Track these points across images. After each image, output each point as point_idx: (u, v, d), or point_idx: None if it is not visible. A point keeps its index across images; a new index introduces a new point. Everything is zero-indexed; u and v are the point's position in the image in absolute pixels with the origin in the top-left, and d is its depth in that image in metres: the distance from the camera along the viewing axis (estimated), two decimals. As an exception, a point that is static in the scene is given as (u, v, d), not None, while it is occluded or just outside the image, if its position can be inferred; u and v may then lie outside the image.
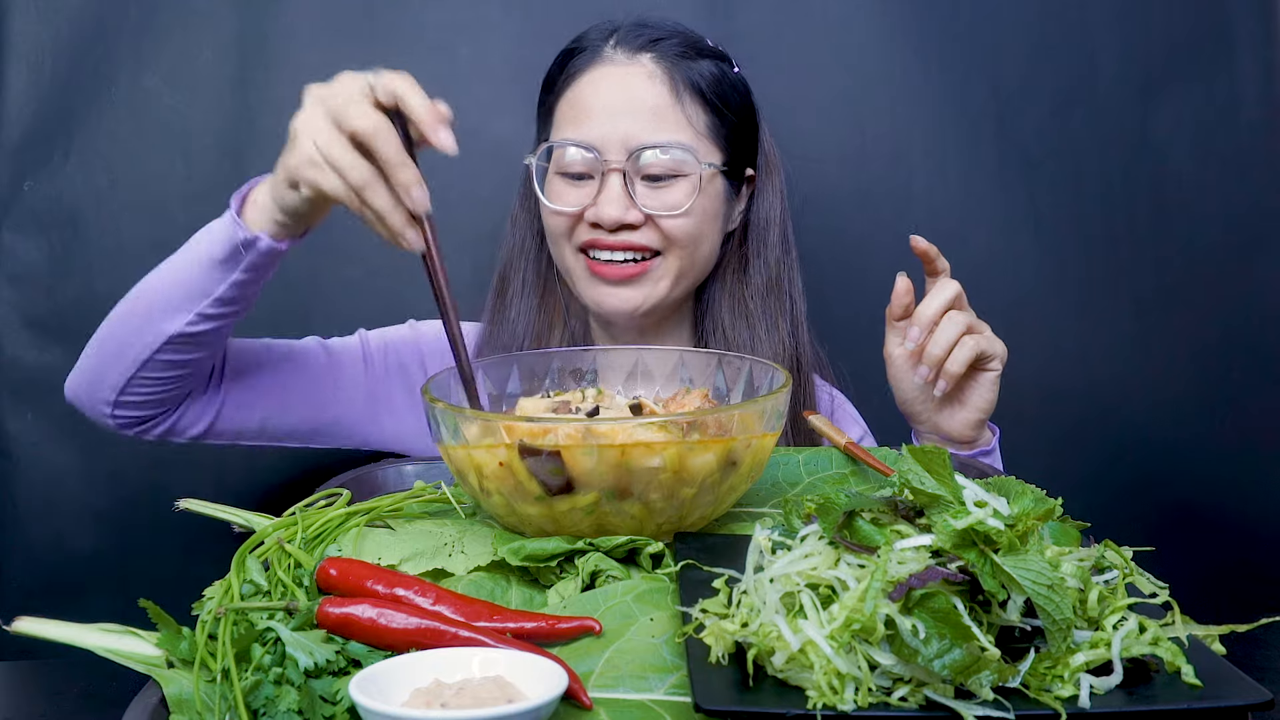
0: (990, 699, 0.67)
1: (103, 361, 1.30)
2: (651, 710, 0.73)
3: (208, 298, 1.23)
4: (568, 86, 1.40)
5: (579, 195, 1.37)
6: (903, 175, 1.83)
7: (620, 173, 1.35)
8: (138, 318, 1.27)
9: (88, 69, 1.72)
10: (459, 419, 0.93)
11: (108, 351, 1.29)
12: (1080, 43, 1.83)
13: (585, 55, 1.40)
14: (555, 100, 1.42)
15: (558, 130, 1.40)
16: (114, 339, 1.29)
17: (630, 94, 1.37)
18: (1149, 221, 1.84)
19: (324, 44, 1.76)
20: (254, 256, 1.20)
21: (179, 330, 1.24)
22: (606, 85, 1.38)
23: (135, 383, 1.29)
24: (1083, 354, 1.84)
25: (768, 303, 1.46)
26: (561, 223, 1.39)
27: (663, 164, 1.36)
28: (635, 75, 1.38)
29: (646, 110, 1.36)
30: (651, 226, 1.37)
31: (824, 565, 0.75)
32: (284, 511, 0.99)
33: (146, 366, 1.27)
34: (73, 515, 1.76)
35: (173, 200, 1.75)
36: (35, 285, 1.73)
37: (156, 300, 1.26)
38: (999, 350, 1.32)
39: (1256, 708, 0.67)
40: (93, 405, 1.33)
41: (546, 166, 1.40)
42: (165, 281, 1.26)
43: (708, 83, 1.39)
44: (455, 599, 0.83)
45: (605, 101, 1.37)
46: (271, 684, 0.76)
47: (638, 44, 1.39)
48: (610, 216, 1.34)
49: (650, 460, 0.89)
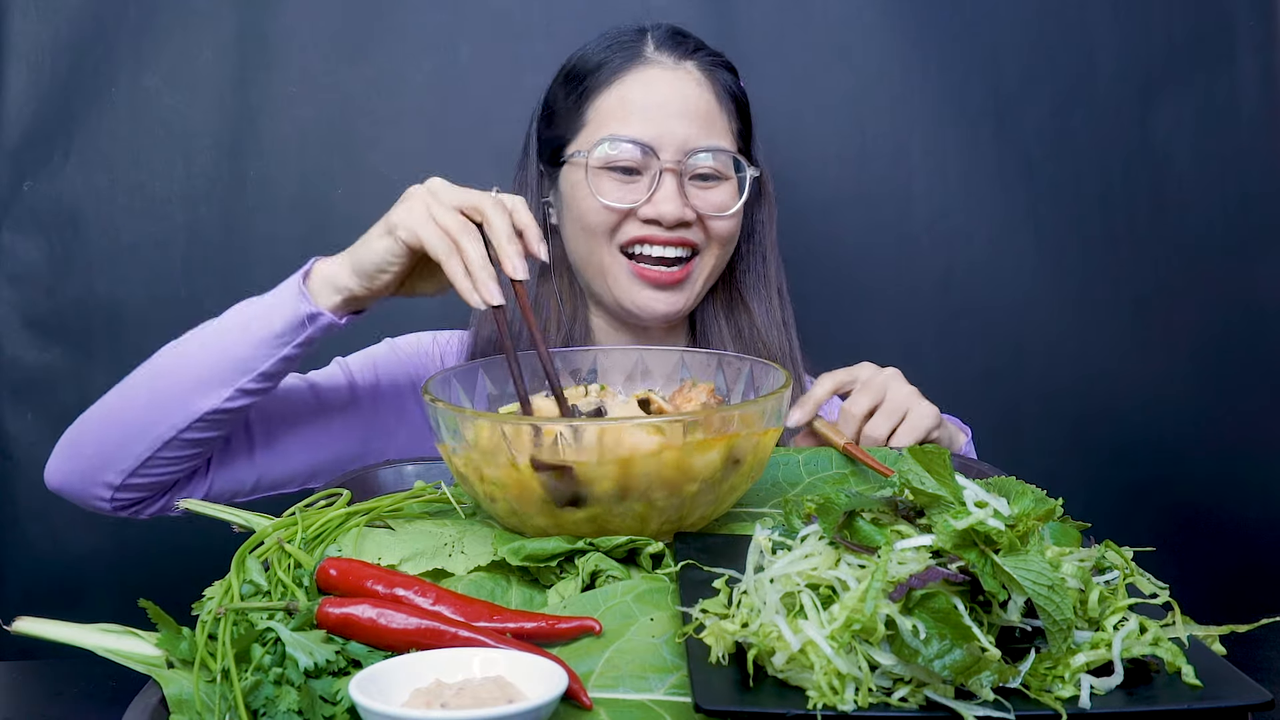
0: (990, 699, 0.67)
1: (106, 447, 1.25)
2: (651, 710, 0.73)
3: (252, 373, 1.20)
4: (609, 84, 1.40)
5: (630, 192, 1.38)
6: (903, 175, 1.83)
7: (675, 172, 1.37)
8: (166, 396, 1.22)
9: (88, 69, 1.72)
10: (461, 420, 0.93)
11: (113, 438, 1.24)
12: (1080, 43, 1.83)
13: (624, 55, 1.41)
14: (590, 97, 1.41)
15: (600, 128, 1.39)
16: (129, 422, 1.24)
17: (684, 97, 1.39)
18: (1149, 221, 1.85)
19: (324, 44, 1.76)
20: (312, 331, 1.19)
21: (216, 407, 1.20)
22: (658, 86, 1.39)
23: (150, 464, 1.24)
24: (1083, 354, 1.84)
25: (767, 303, 1.49)
26: (608, 219, 1.39)
27: (711, 166, 1.39)
28: (685, 80, 1.40)
29: (700, 114, 1.39)
30: (698, 226, 1.40)
31: (824, 565, 0.75)
32: (284, 511, 0.99)
33: (168, 446, 1.23)
34: (73, 515, 1.74)
35: (173, 200, 1.75)
36: (35, 285, 1.74)
37: (191, 375, 1.21)
38: (929, 425, 1.25)
39: (1256, 708, 0.67)
40: (86, 491, 1.28)
41: (586, 165, 1.38)
42: (205, 356, 1.22)
43: (736, 92, 1.44)
44: (455, 599, 0.83)
45: (659, 101, 1.38)
46: (271, 684, 0.76)
47: (680, 50, 1.42)
48: (671, 213, 1.36)
49: (656, 457, 0.89)
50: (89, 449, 1.27)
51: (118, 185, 1.74)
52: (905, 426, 1.22)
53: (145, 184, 1.74)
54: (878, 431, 1.22)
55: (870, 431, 1.22)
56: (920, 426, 1.22)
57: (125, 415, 1.24)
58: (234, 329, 1.21)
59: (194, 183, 1.75)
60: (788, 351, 1.48)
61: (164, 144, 1.74)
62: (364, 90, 1.77)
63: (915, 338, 1.83)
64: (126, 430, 1.24)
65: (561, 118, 1.44)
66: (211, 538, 1.07)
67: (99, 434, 1.26)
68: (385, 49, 1.77)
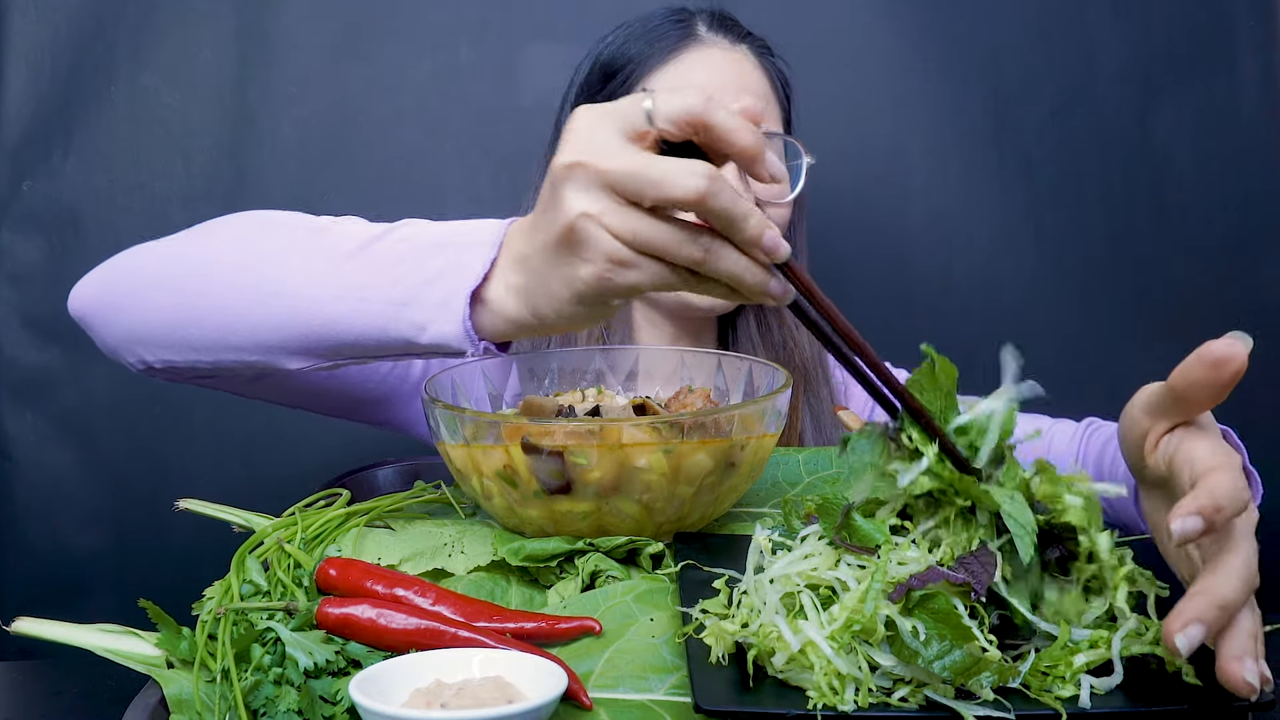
0: (991, 699, 0.67)
1: (167, 329, 0.98)
2: (651, 710, 0.73)
3: (360, 358, 0.94)
4: (664, 64, 1.33)
5: None
6: (903, 175, 1.83)
7: None
8: (251, 322, 0.94)
9: (87, 68, 1.72)
10: (459, 418, 0.93)
11: (183, 322, 0.97)
12: (1080, 43, 1.83)
13: (678, 33, 1.35)
14: (641, 77, 1.33)
15: None
16: (203, 316, 0.96)
17: (743, 79, 1.34)
18: (1149, 221, 1.85)
19: (324, 44, 1.76)
20: (451, 357, 0.91)
21: (298, 368, 0.94)
22: (719, 66, 1.33)
23: (198, 372, 1.02)
24: (1083, 354, 1.84)
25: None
26: None
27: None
28: (742, 62, 1.35)
29: (758, 96, 1.35)
30: None
31: (824, 566, 0.75)
32: (284, 511, 0.99)
33: (224, 369, 1.00)
34: (73, 515, 1.76)
35: (173, 200, 1.75)
36: (35, 285, 1.74)
37: (291, 323, 0.92)
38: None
39: (1256, 707, 0.66)
40: (119, 346, 1.04)
41: None
42: (321, 309, 0.90)
43: (784, 82, 1.40)
44: (455, 599, 0.83)
45: (721, 81, 1.32)
46: (271, 684, 0.76)
47: (734, 34, 1.37)
48: None
49: (650, 460, 0.89)
50: (138, 315, 1.01)
51: (117, 185, 1.74)
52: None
53: (145, 184, 1.74)
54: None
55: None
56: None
57: (195, 314, 0.97)
58: (375, 300, 0.88)
59: (194, 183, 1.75)
60: (818, 356, 1.43)
61: (164, 144, 1.74)
62: (364, 90, 1.77)
63: (914, 338, 1.83)
64: (196, 335, 0.97)
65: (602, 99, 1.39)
66: (211, 538, 1.07)
67: (155, 308, 0.99)
68: (385, 49, 1.77)
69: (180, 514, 1.00)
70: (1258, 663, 0.66)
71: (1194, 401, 0.74)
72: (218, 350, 0.97)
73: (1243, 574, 0.67)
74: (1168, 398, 0.76)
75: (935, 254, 1.83)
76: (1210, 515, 0.65)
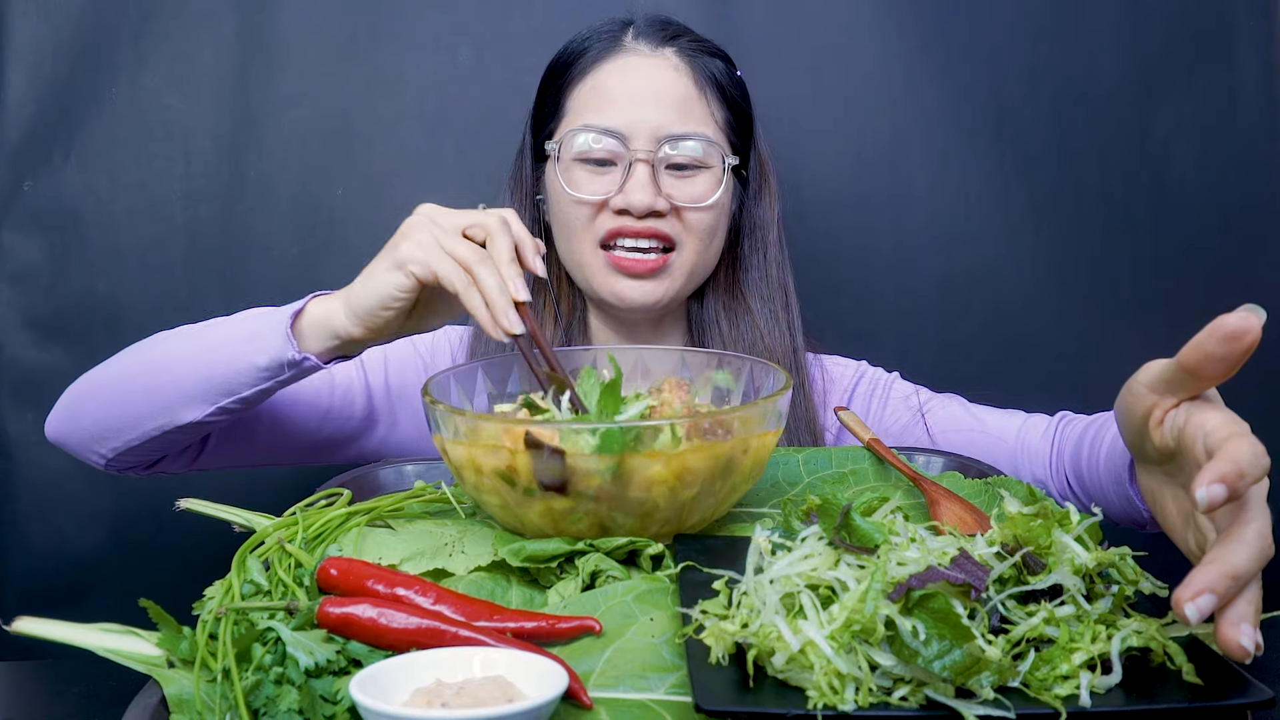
0: (991, 698, 0.67)
1: (101, 426, 1.27)
2: (651, 710, 0.73)
3: (233, 396, 1.19)
4: (585, 75, 1.38)
5: (603, 183, 1.36)
6: (903, 176, 1.83)
7: (648, 162, 1.34)
8: (154, 398, 1.23)
9: (88, 69, 1.72)
10: (460, 418, 0.93)
11: (108, 418, 1.26)
12: (1080, 43, 1.83)
13: (602, 45, 1.38)
14: (568, 89, 1.40)
15: (575, 118, 1.38)
16: (120, 412, 1.25)
17: (658, 84, 1.36)
18: (1149, 221, 1.85)
19: (324, 44, 1.76)
20: (295, 374, 1.17)
21: (195, 420, 1.21)
22: (633, 74, 1.36)
23: (141, 448, 1.27)
24: (1083, 354, 1.84)
25: (770, 303, 1.45)
26: (583, 213, 1.36)
27: (687, 155, 1.35)
28: (661, 67, 1.37)
29: (674, 101, 1.36)
30: (674, 217, 1.36)
31: (824, 566, 0.75)
32: (284, 511, 0.99)
33: (157, 439, 1.25)
34: (73, 515, 1.76)
35: (173, 200, 1.75)
36: (35, 285, 1.74)
37: (175, 386, 1.21)
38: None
39: (1256, 706, 0.66)
40: (82, 451, 1.31)
41: (558, 157, 1.38)
42: (193, 368, 1.20)
43: (724, 80, 1.40)
44: (455, 599, 0.83)
45: (632, 89, 1.36)
46: (272, 684, 0.76)
47: (659, 38, 1.39)
48: (641, 202, 1.33)
49: (650, 463, 0.89)
50: (85, 420, 1.29)
51: (118, 185, 1.74)
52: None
53: (145, 184, 1.74)
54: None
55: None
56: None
57: (116, 406, 1.25)
58: (223, 347, 1.19)
59: (194, 183, 1.75)
60: (791, 354, 1.44)
61: (164, 144, 1.74)
62: (364, 90, 1.77)
63: (914, 338, 1.83)
64: (120, 417, 1.25)
65: (545, 111, 1.43)
66: (211, 538, 1.07)
67: (94, 411, 1.28)
68: (385, 49, 1.77)
69: (180, 514, 1.01)
70: (1255, 629, 0.67)
71: (1205, 376, 0.74)
72: (140, 422, 1.24)
73: (1257, 545, 0.68)
74: (1177, 373, 0.75)
75: (935, 254, 1.83)
76: (1234, 481, 0.66)
